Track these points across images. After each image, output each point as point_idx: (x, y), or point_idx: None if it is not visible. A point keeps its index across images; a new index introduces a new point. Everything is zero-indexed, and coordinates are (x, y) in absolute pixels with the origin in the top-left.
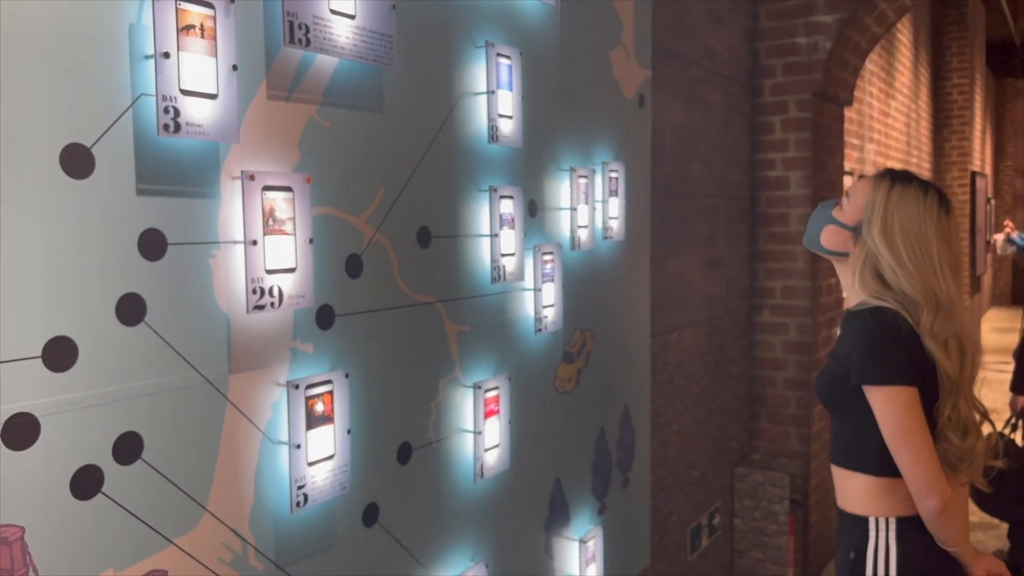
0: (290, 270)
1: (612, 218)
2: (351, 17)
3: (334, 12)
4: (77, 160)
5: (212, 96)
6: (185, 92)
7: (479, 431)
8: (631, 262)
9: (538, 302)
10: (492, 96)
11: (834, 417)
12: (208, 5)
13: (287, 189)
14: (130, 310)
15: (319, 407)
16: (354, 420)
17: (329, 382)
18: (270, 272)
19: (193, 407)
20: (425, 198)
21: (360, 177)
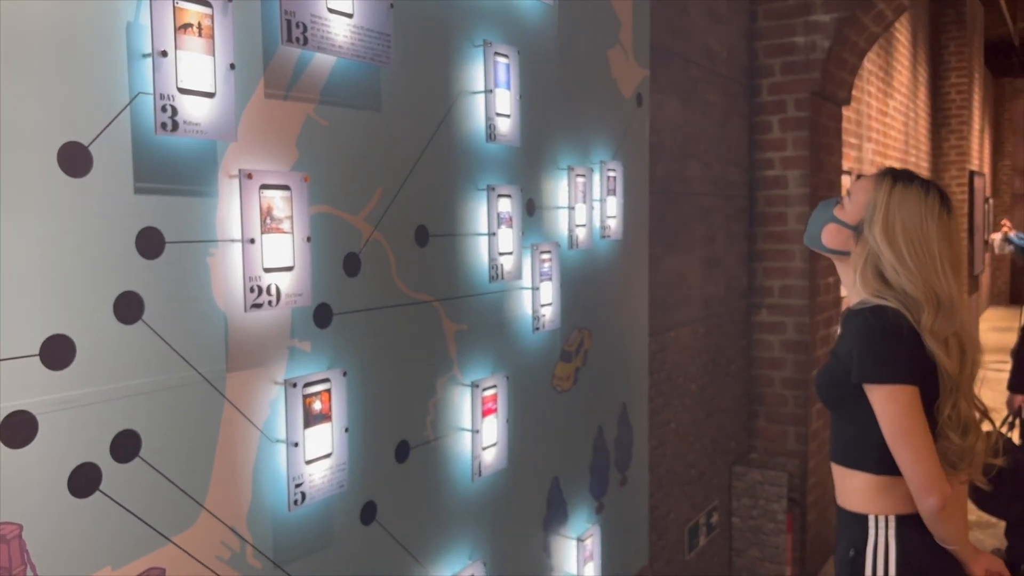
0: (288, 268)
1: (610, 217)
2: (349, 16)
3: (332, 11)
4: (75, 158)
5: (210, 95)
6: (183, 91)
7: (477, 429)
8: (629, 261)
9: (536, 301)
10: (490, 95)
11: (834, 415)
12: (206, 4)
13: (285, 188)
14: (128, 308)
15: (317, 405)
16: (352, 418)
17: (327, 380)
18: (268, 271)
19: (191, 405)
20: (423, 197)
21: (358, 176)
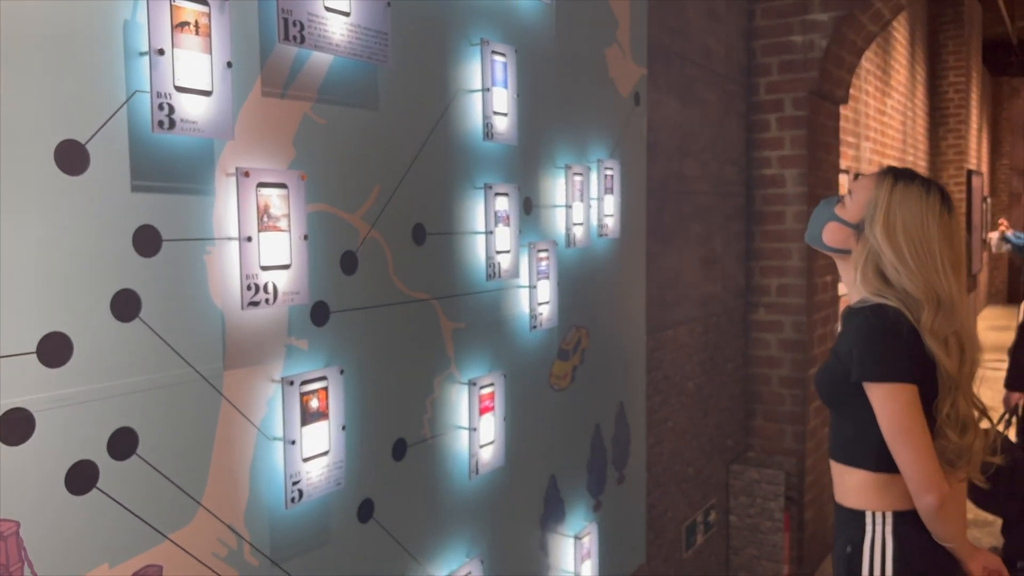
0: (285, 267)
1: (607, 216)
2: (346, 14)
3: (329, 9)
4: (72, 156)
5: (207, 93)
6: (180, 89)
7: (474, 428)
8: (626, 260)
9: (533, 299)
10: (487, 94)
11: (834, 413)
12: (203, 2)
13: (282, 186)
14: (125, 306)
15: (314, 403)
16: (349, 416)
17: (324, 378)
18: (265, 269)
19: (188, 403)
20: (420, 195)
21: (355, 174)
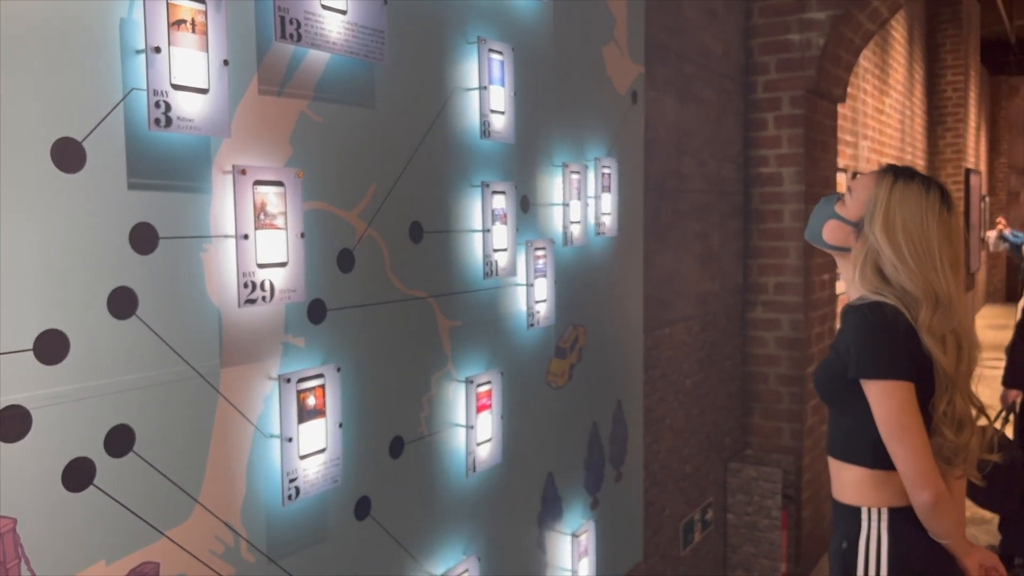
0: (282, 264)
1: (605, 214)
2: (343, 12)
3: (325, 7)
4: (68, 154)
5: (203, 91)
6: (176, 87)
7: (471, 425)
8: (624, 258)
9: (530, 297)
10: (484, 92)
11: (832, 410)
12: (199, 0)
13: (278, 184)
14: (122, 303)
15: (311, 401)
16: (346, 414)
17: (321, 376)
18: (262, 266)
19: (185, 400)
20: (417, 193)
21: (352, 172)
